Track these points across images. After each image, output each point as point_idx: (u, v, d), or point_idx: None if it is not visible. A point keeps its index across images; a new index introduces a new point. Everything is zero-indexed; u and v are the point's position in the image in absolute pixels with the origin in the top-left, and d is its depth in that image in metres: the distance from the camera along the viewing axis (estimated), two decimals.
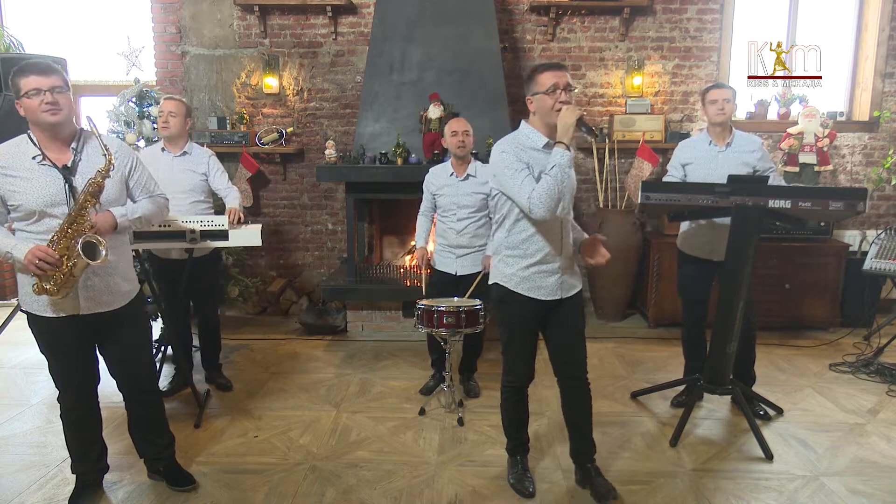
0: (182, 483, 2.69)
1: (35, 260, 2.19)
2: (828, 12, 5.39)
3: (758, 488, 2.74)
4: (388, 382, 3.94)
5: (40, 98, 2.20)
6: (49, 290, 2.25)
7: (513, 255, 2.49)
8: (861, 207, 2.84)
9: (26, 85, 2.20)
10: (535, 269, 2.47)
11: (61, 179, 2.26)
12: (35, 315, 2.37)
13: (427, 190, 3.66)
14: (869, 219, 5.47)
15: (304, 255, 5.65)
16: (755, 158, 3.34)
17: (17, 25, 5.44)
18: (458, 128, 3.49)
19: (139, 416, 2.68)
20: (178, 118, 3.47)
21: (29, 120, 2.27)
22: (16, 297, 5.53)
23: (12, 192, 2.24)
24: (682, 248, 3.52)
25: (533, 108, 2.44)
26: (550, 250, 2.45)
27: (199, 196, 3.57)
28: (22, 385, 3.88)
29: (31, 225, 2.28)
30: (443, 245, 3.65)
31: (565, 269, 2.51)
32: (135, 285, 2.55)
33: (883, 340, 4.34)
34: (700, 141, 3.45)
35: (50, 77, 2.21)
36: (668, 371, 4.10)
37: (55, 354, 2.43)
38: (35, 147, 2.27)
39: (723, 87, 3.39)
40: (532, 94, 2.43)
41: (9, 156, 2.26)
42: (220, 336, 3.92)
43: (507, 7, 5.28)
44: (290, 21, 5.30)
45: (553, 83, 2.36)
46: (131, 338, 2.53)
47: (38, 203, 2.24)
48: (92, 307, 2.37)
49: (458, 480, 2.79)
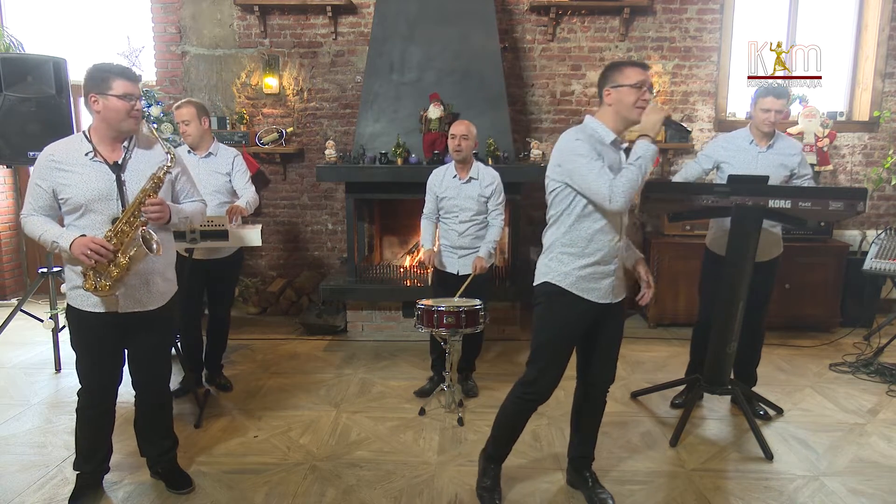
0: (180, 486, 2.69)
1: (87, 251, 2.23)
2: (828, 12, 5.39)
3: (758, 488, 2.74)
4: (388, 382, 3.94)
5: (132, 104, 2.30)
6: (100, 286, 2.30)
7: (569, 253, 2.38)
8: (861, 207, 2.84)
9: (120, 87, 2.28)
10: (593, 270, 2.37)
11: (111, 175, 2.33)
12: (74, 308, 2.42)
13: (431, 192, 3.65)
14: (869, 219, 5.48)
15: (303, 254, 5.65)
16: (795, 163, 3.27)
17: (17, 25, 5.44)
18: (455, 131, 3.49)
19: (147, 415, 2.69)
20: (192, 124, 3.46)
21: (101, 118, 2.32)
22: (16, 297, 5.54)
23: (63, 186, 2.30)
24: (710, 248, 3.46)
25: (611, 100, 2.32)
26: (609, 250, 2.37)
27: (226, 197, 3.57)
28: (22, 385, 3.87)
29: (77, 219, 2.34)
30: (445, 246, 3.66)
31: (618, 273, 2.43)
32: (173, 286, 2.59)
33: (883, 340, 4.34)
34: (741, 139, 3.36)
35: (136, 85, 2.34)
36: (668, 371, 4.10)
37: (85, 350, 2.46)
38: (89, 144, 2.35)
39: (780, 97, 3.17)
40: (614, 85, 2.30)
41: (63, 151, 2.33)
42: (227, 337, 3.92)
43: (507, 7, 5.28)
44: (290, 21, 5.30)
45: (641, 79, 2.28)
46: (157, 339, 2.56)
47: (86, 197, 2.30)
48: (130, 305, 2.41)
49: (458, 480, 2.79)
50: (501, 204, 3.60)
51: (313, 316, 4.94)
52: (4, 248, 5.78)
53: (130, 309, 2.41)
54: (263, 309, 5.48)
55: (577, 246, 2.36)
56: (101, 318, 2.40)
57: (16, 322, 4.16)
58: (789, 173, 3.27)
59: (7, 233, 5.80)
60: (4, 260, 5.78)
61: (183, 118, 3.46)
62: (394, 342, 4.73)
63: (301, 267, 5.65)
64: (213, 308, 3.80)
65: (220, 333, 3.83)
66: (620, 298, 2.48)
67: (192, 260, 3.42)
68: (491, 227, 3.60)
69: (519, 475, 2.82)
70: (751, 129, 3.34)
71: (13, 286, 5.86)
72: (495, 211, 3.59)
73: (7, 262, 5.81)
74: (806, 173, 3.31)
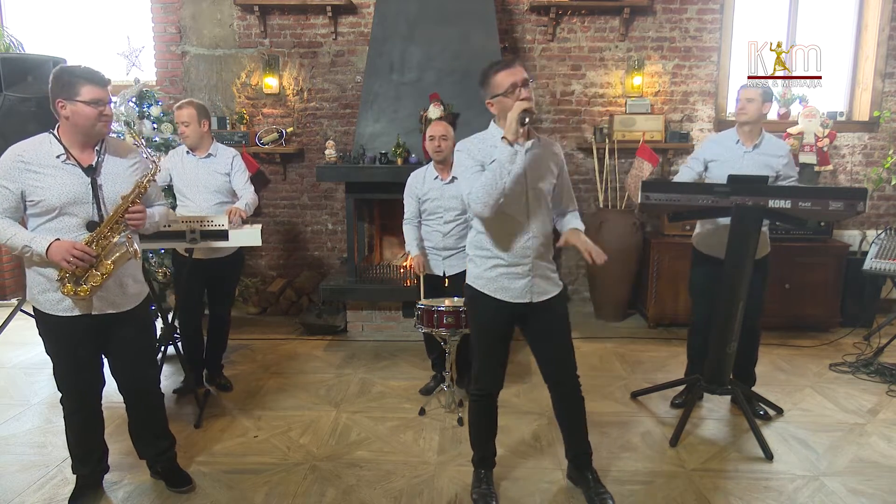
0: (179, 485, 2.69)
1: (69, 257, 2.22)
2: (828, 12, 5.39)
3: (758, 488, 2.74)
4: (388, 382, 3.94)
5: (100, 110, 2.27)
6: (81, 290, 2.29)
7: (480, 255, 2.46)
8: (861, 207, 2.84)
9: (89, 93, 2.25)
10: (504, 271, 2.41)
11: (85, 179, 2.31)
12: (43, 313, 2.38)
13: (411, 196, 3.61)
14: (869, 219, 5.48)
15: (303, 254, 5.65)
16: (781, 164, 3.28)
17: (17, 25, 5.44)
18: (434, 132, 3.49)
19: (140, 417, 2.68)
20: (191, 126, 3.46)
21: (70, 123, 2.29)
22: (16, 297, 5.54)
23: (35, 188, 2.26)
24: (697, 247, 3.48)
25: (494, 110, 2.36)
26: (517, 251, 2.39)
27: (225, 197, 3.57)
28: (22, 385, 3.88)
29: (50, 222, 2.31)
30: (429, 248, 3.63)
31: (537, 273, 2.44)
32: (144, 287, 2.58)
33: (883, 340, 4.34)
34: (727, 138, 3.39)
35: (105, 89, 2.30)
36: (668, 371, 4.10)
37: (61, 355, 2.43)
38: (60, 146, 2.31)
39: (748, 87, 3.31)
40: (490, 97, 2.34)
41: (32, 152, 2.30)
42: (228, 337, 3.93)
43: (507, 7, 5.28)
44: (290, 21, 5.30)
45: (511, 82, 2.27)
46: (137, 339, 2.54)
47: (61, 200, 2.28)
48: (104, 307, 2.40)
49: (458, 480, 2.79)
50: None
51: (313, 316, 4.94)
52: (4, 248, 5.78)
53: (104, 311, 2.39)
54: (263, 309, 5.48)
55: (485, 248, 2.44)
56: (76, 322, 2.36)
57: (16, 322, 4.16)
58: (775, 174, 3.27)
59: None
60: (4, 260, 5.78)
61: (182, 120, 3.45)
62: (394, 342, 4.73)
63: (301, 267, 5.65)
64: (214, 308, 3.80)
65: (221, 333, 3.83)
66: (547, 297, 2.46)
67: (193, 260, 3.42)
68: None
69: (519, 475, 2.82)
70: (737, 129, 3.38)
71: (13, 286, 5.86)
72: None
73: (7, 262, 5.81)
74: (791, 175, 3.30)
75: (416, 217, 3.65)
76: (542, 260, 2.45)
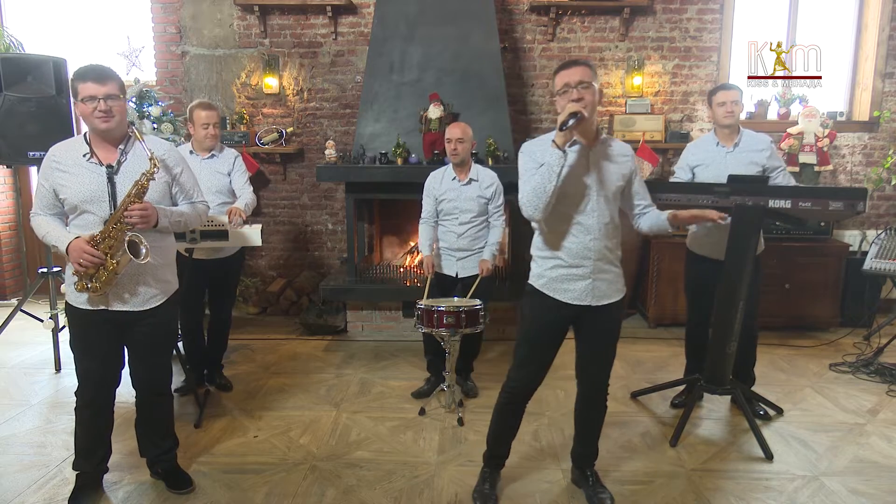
0: (180, 486, 2.69)
1: (79, 259, 2.29)
2: (828, 12, 5.39)
3: (758, 488, 2.74)
4: (388, 382, 3.94)
5: (94, 105, 2.30)
6: (91, 287, 2.35)
7: (541, 256, 2.45)
8: (861, 207, 2.84)
9: (83, 91, 2.30)
10: (565, 272, 2.39)
11: (104, 177, 2.35)
12: (70, 305, 2.47)
13: (429, 196, 3.62)
14: (869, 219, 5.48)
15: (303, 254, 5.65)
16: (764, 157, 3.29)
17: (17, 25, 5.44)
18: (451, 135, 3.49)
19: (148, 416, 2.70)
20: (215, 127, 3.51)
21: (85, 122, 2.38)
22: (16, 297, 5.54)
23: (62, 186, 2.36)
24: (691, 248, 3.49)
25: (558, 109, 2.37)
26: (578, 252, 2.37)
27: (227, 197, 3.58)
28: (22, 385, 3.87)
29: (76, 219, 2.40)
30: (443, 248, 3.65)
31: (598, 275, 2.39)
32: (169, 287, 2.56)
33: (883, 340, 4.34)
34: (707, 142, 3.41)
35: (105, 85, 2.31)
36: (668, 371, 4.10)
37: (81, 346, 2.48)
38: (87, 145, 2.40)
39: (730, 89, 3.32)
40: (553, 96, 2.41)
41: (63, 152, 2.39)
42: (228, 337, 3.93)
43: (507, 7, 5.28)
44: (290, 21, 5.30)
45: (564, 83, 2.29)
46: (150, 340, 2.54)
47: (79, 198, 2.34)
48: (118, 304, 2.42)
49: (458, 480, 2.79)
50: (502, 205, 3.61)
51: (313, 316, 4.94)
52: (4, 248, 5.78)
53: (119, 307, 2.42)
54: (263, 309, 5.48)
55: (547, 249, 2.43)
56: (95, 315, 2.42)
57: (16, 322, 4.16)
58: (761, 169, 3.28)
59: (7, 233, 5.80)
60: (4, 260, 5.78)
61: (212, 121, 3.48)
62: (394, 342, 4.73)
63: (301, 267, 5.65)
64: (214, 308, 3.80)
65: (221, 333, 3.83)
66: (607, 302, 2.43)
67: (193, 260, 3.43)
68: (493, 228, 3.60)
69: (519, 475, 2.82)
70: (716, 131, 3.39)
71: (13, 286, 5.86)
72: (496, 213, 3.59)
73: (7, 262, 5.81)
74: (777, 166, 3.31)
75: (433, 217, 3.66)
76: (606, 262, 2.41)
